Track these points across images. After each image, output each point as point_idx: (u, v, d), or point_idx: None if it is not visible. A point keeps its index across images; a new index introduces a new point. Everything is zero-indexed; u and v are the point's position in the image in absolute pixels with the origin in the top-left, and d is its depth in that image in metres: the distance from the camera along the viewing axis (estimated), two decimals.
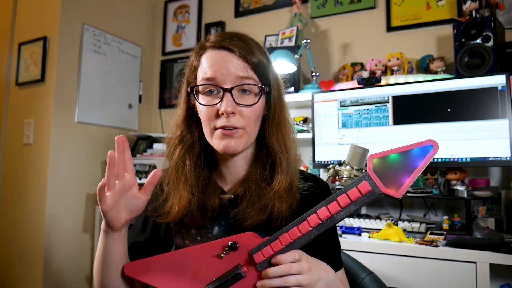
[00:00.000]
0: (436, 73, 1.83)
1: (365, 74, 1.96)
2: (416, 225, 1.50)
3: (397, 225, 1.51)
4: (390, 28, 2.10)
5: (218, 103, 0.71)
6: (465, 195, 1.48)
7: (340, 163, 1.53)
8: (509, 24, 1.81)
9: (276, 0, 2.45)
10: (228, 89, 0.70)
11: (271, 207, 0.71)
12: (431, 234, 1.41)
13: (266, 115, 0.78)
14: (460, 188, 1.51)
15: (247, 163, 0.80)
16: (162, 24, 2.88)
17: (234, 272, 0.63)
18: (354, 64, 2.11)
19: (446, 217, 1.55)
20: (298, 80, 2.16)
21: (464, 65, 1.65)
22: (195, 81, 0.76)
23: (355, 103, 1.76)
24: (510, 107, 1.44)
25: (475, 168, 1.73)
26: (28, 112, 2.26)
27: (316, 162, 1.84)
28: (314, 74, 2.07)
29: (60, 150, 2.18)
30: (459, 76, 1.62)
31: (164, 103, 2.81)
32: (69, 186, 2.23)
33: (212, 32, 2.65)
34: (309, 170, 2.00)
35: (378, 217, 1.71)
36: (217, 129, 0.72)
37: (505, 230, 1.49)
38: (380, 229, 1.44)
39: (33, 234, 2.14)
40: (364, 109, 1.73)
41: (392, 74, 1.92)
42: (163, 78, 2.84)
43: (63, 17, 2.20)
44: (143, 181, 2.20)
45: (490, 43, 1.60)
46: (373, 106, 1.71)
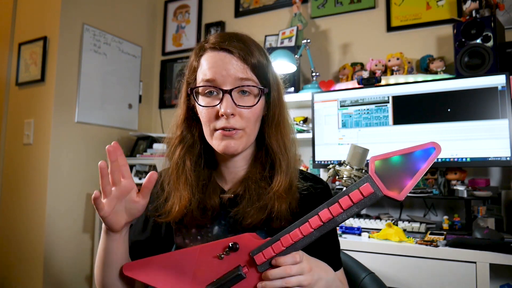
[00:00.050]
0: (436, 73, 1.83)
1: (365, 74, 1.96)
2: (416, 225, 1.50)
3: (397, 225, 1.51)
4: (390, 28, 2.10)
5: (217, 104, 0.71)
6: (465, 195, 1.48)
7: (340, 163, 1.53)
8: (509, 24, 1.81)
9: (276, 0, 2.45)
10: (227, 91, 0.70)
11: (270, 207, 0.72)
12: (431, 234, 1.41)
13: (266, 115, 0.78)
14: (460, 188, 1.51)
15: (247, 163, 0.80)
16: (162, 24, 2.88)
17: (234, 273, 0.63)
18: (354, 64, 2.11)
19: (446, 217, 1.55)
20: (298, 80, 2.16)
21: (464, 65, 1.65)
22: (194, 82, 0.76)
23: (355, 103, 1.76)
24: (510, 107, 1.44)
25: (475, 168, 1.73)
26: (28, 112, 2.26)
27: (316, 162, 1.84)
28: (314, 74, 2.07)
29: (60, 150, 2.18)
30: (459, 76, 1.62)
31: (164, 103, 2.81)
32: (69, 186, 2.23)
33: (212, 32, 2.65)
34: (309, 170, 2.00)
35: (378, 217, 1.71)
36: (217, 130, 0.72)
37: (505, 230, 1.49)
38: (380, 229, 1.44)
39: (33, 234, 2.14)
40: (364, 109, 1.73)
41: (392, 74, 1.92)
42: (163, 78, 2.84)
43: (63, 17, 2.20)
44: (143, 181, 2.20)
45: (490, 43, 1.60)
46: (373, 106, 1.71)
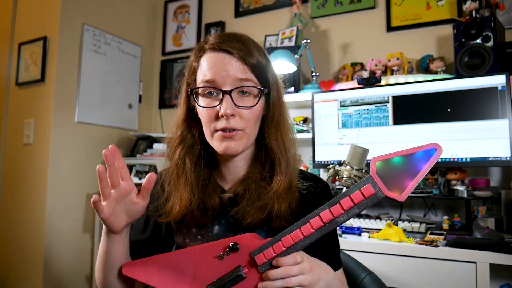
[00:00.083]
0: (436, 73, 1.83)
1: (365, 74, 1.96)
2: (416, 225, 1.50)
3: (397, 225, 1.51)
4: (390, 28, 2.10)
5: (217, 105, 0.71)
6: (465, 195, 1.48)
7: (340, 163, 1.53)
8: (509, 24, 1.81)
9: (276, 0, 2.45)
10: (227, 92, 0.71)
11: (270, 206, 0.72)
12: (431, 234, 1.41)
13: (266, 115, 0.78)
14: (460, 188, 1.51)
15: (247, 163, 0.80)
16: (162, 24, 2.88)
17: (235, 273, 0.63)
18: (354, 64, 2.11)
19: (446, 217, 1.55)
20: (298, 80, 2.16)
21: (464, 65, 1.65)
22: (194, 83, 0.76)
23: (355, 103, 1.76)
24: (510, 107, 1.44)
25: (475, 168, 1.73)
26: (28, 112, 2.26)
27: (316, 162, 1.84)
28: (314, 74, 2.07)
29: (60, 150, 2.18)
30: (459, 76, 1.62)
31: (164, 103, 2.81)
32: (69, 186, 2.23)
33: (212, 32, 2.65)
34: (309, 170, 2.00)
35: (378, 217, 1.71)
36: (217, 131, 0.72)
37: (505, 230, 1.49)
38: (380, 229, 1.44)
39: (33, 234, 2.14)
40: (364, 109, 1.73)
41: (392, 74, 1.92)
42: (163, 78, 2.83)
43: (63, 17, 2.20)
44: (143, 181, 2.20)
45: (490, 43, 1.60)
46: (373, 106, 1.71)
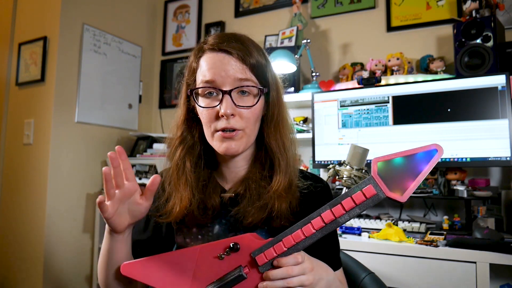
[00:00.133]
0: (436, 73, 1.83)
1: (365, 74, 1.96)
2: (416, 225, 1.50)
3: (397, 225, 1.51)
4: (390, 28, 2.10)
5: (217, 105, 0.71)
6: (465, 195, 1.48)
7: (340, 163, 1.53)
8: (509, 24, 1.81)
9: (276, 0, 2.45)
10: (227, 91, 0.71)
11: (271, 206, 0.72)
12: (431, 234, 1.41)
13: (265, 115, 0.78)
14: (460, 188, 1.51)
15: (247, 163, 0.81)
16: (162, 24, 2.88)
17: (236, 273, 0.63)
18: (354, 64, 2.11)
19: (446, 217, 1.55)
20: (298, 80, 2.16)
21: (464, 65, 1.65)
22: (194, 83, 0.76)
23: (355, 103, 1.76)
24: (510, 107, 1.44)
25: (475, 168, 1.73)
26: (28, 112, 2.26)
27: (316, 162, 1.84)
28: (314, 74, 2.07)
29: (60, 150, 2.18)
30: (459, 76, 1.62)
31: (164, 103, 2.81)
32: (69, 186, 2.23)
33: (212, 32, 2.65)
34: (309, 170, 2.00)
35: (378, 217, 1.71)
36: (217, 131, 0.72)
37: (505, 230, 1.49)
38: (380, 229, 1.44)
39: (33, 234, 2.14)
40: (364, 109, 1.73)
41: (392, 74, 1.92)
42: (163, 78, 2.83)
43: (63, 17, 2.20)
44: (143, 181, 2.20)
45: (490, 43, 1.60)
46: (373, 106, 1.71)
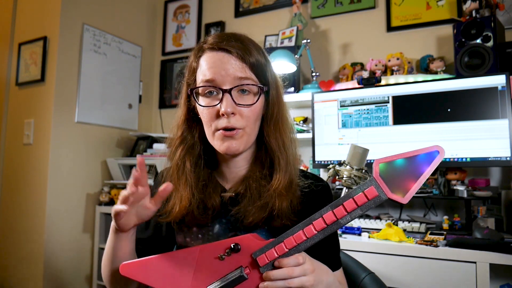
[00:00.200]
0: (436, 73, 1.83)
1: (365, 74, 1.96)
2: (416, 225, 1.50)
3: (397, 225, 1.51)
4: (390, 28, 2.10)
5: (218, 104, 0.71)
6: (465, 195, 1.48)
7: (340, 163, 1.53)
8: (509, 24, 1.81)
9: (276, 0, 2.45)
10: (227, 90, 0.71)
11: (271, 205, 0.72)
12: (431, 234, 1.41)
13: (265, 114, 0.78)
14: (460, 188, 1.51)
15: (247, 162, 0.81)
16: (162, 24, 2.88)
17: (236, 274, 0.62)
18: (354, 64, 2.11)
19: (446, 217, 1.55)
20: (298, 80, 2.16)
21: (464, 65, 1.65)
22: (194, 83, 0.77)
23: (355, 103, 1.76)
24: (510, 107, 1.44)
25: (475, 168, 1.73)
26: (28, 112, 2.26)
27: (316, 162, 1.84)
28: (314, 74, 2.07)
29: (60, 150, 2.18)
30: (459, 76, 1.62)
31: (164, 103, 2.81)
32: (69, 186, 2.23)
33: (212, 32, 2.65)
34: (309, 170, 2.00)
35: (378, 217, 1.71)
36: (218, 130, 0.72)
37: (505, 230, 1.49)
38: (380, 229, 1.44)
39: (33, 234, 2.14)
40: (364, 109, 1.73)
41: (392, 74, 1.92)
42: (163, 78, 2.83)
43: (63, 17, 2.20)
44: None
45: (490, 43, 1.60)
46: (373, 106, 1.71)
